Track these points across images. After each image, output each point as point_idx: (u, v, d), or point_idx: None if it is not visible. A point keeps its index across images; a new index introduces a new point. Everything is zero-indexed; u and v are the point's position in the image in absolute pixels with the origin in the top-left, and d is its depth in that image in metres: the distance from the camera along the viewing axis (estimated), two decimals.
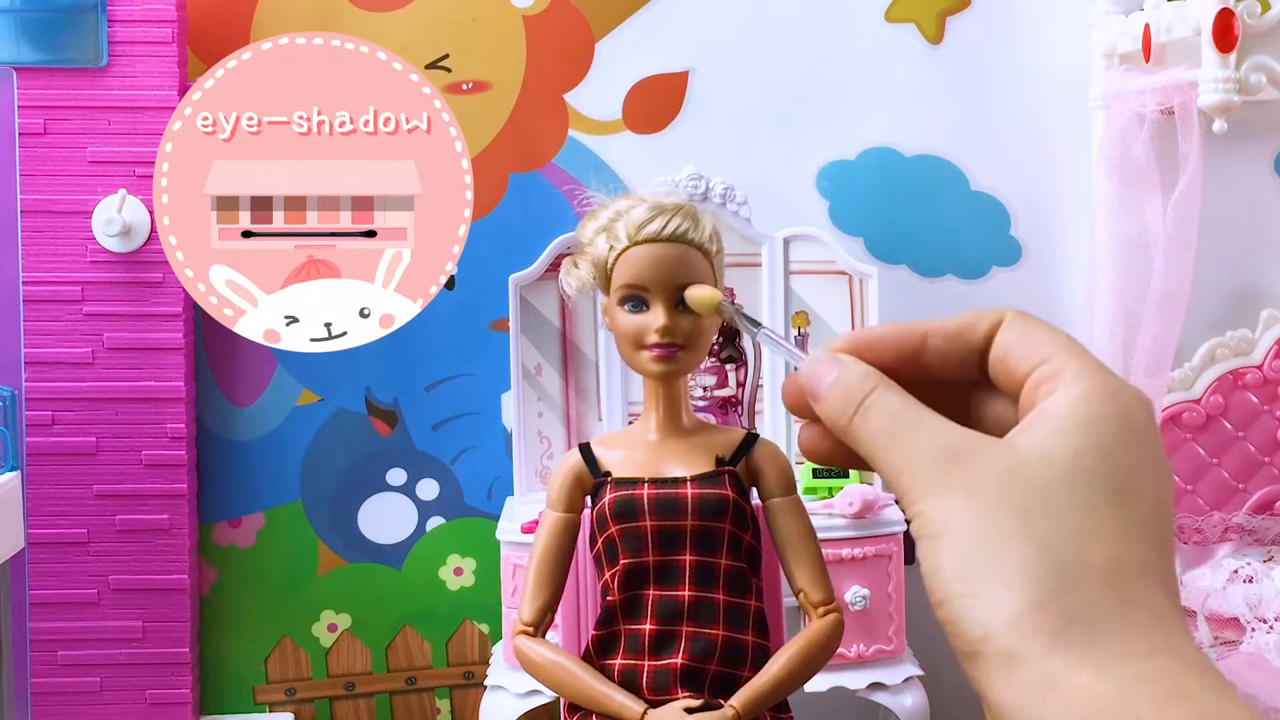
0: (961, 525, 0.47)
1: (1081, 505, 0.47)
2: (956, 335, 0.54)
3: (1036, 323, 0.53)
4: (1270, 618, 2.35)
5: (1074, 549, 0.46)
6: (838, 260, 2.62)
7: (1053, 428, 0.49)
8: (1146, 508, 0.48)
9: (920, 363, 0.54)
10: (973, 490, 0.48)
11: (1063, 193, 2.80)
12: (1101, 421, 0.49)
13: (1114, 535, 0.47)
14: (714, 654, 1.78)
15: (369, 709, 2.82)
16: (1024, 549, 0.46)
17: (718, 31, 2.77)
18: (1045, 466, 0.48)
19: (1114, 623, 0.45)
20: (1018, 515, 0.47)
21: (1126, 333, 2.59)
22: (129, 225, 2.54)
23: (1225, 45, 2.25)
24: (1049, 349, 0.52)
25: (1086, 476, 0.48)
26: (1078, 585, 0.46)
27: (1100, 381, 0.50)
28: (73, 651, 2.61)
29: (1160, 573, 0.48)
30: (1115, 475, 0.48)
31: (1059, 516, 0.47)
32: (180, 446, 2.61)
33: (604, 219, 1.85)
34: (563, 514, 1.86)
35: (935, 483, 0.49)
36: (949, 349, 0.54)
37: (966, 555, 0.47)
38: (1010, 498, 0.47)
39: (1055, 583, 0.46)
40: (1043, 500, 0.47)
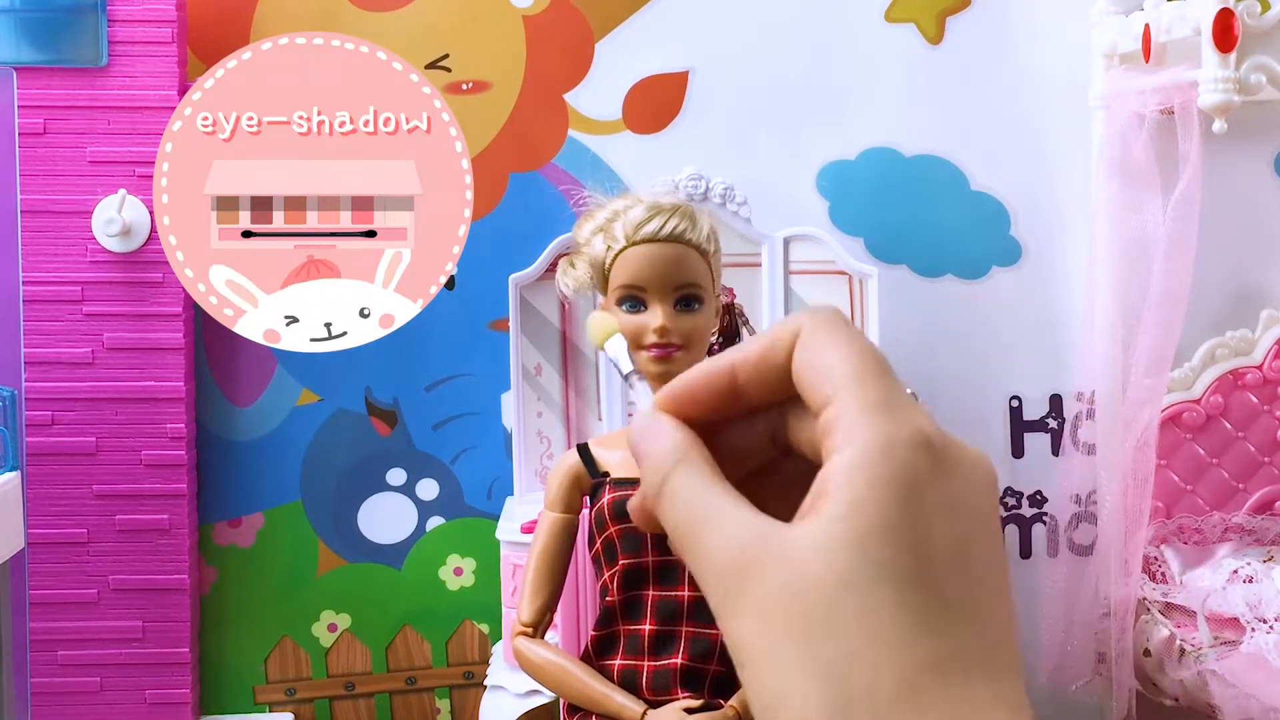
0: (756, 656, 0.44)
1: (865, 611, 0.42)
2: (761, 362, 0.49)
3: (825, 339, 0.47)
4: (1270, 618, 2.35)
5: (861, 672, 0.42)
6: (838, 260, 2.62)
7: (830, 511, 0.44)
8: (946, 575, 0.43)
9: (740, 398, 0.49)
10: (761, 612, 0.43)
11: (1063, 193, 2.80)
12: (878, 491, 0.43)
13: (905, 637, 0.42)
14: (714, 654, 1.78)
15: (369, 709, 2.82)
16: (809, 684, 0.42)
17: (718, 31, 2.77)
18: (826, 569, 0.43)
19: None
20: (801, 640, 0.42)
21: (1126, 333, 2.59)
22: (129, 225, 2.54)
23: (1225, 45, 2.25)
24: (829, 386, 0.46)
25: (870, 571, 0.42)
26: (872, 713, 0.41)
27: (874, 436, 0.44)
28: (73, 651, 2.61)
29: (964, 653, 0.43)
30: (901, 556, 0.43)
31: (843, 633, 0.42)
32: (180, 446, 2.61)
33: (601, 219, 1.85)
34: (561, 515, 1.86)
35: (730, 603, 0.44)
36: (761, 378, 0.49)
37: (763, 693, 0.43)
38: (793, 620, 0.43)
39: (846, 717, 0.41)
40: (825, 615, 0.42)
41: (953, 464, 0.45)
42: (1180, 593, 2.54)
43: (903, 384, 0.47)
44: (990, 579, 0.44)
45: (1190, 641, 2.40)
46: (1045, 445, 2.84)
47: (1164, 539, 2.69)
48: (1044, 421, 2.84)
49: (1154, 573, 2.64)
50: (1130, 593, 2.55)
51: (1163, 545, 2.68)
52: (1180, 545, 2.69)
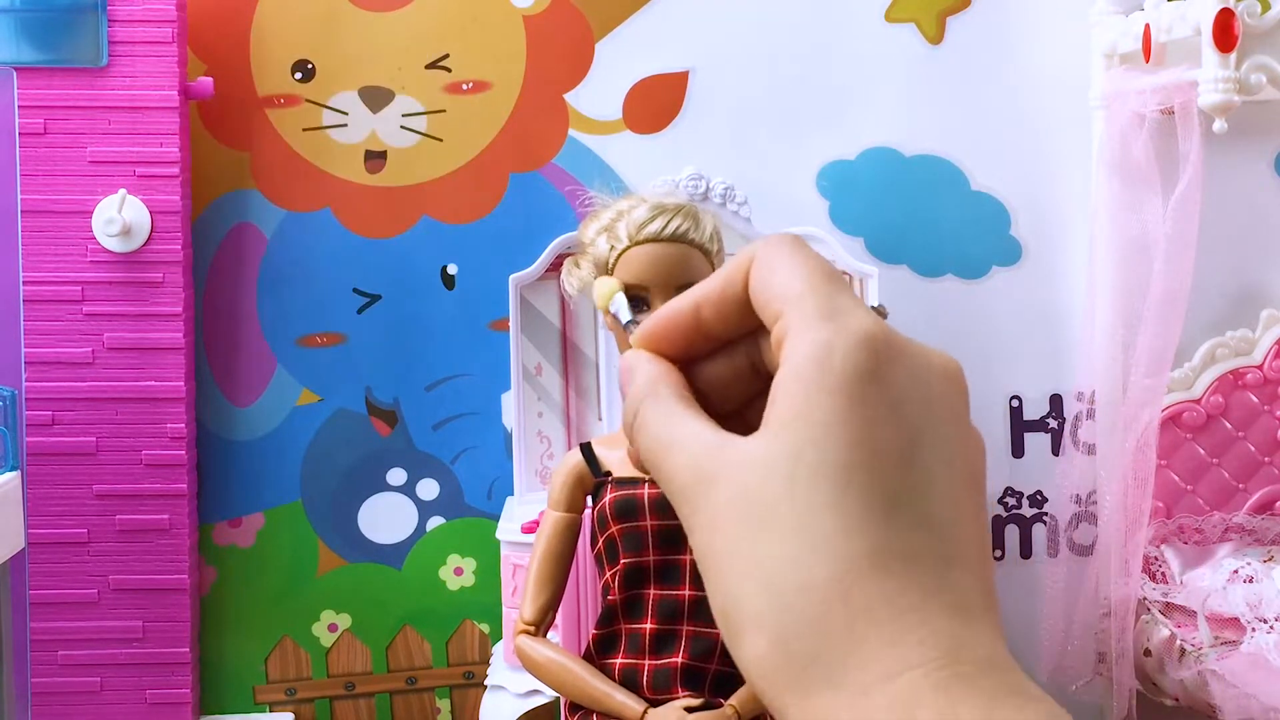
0: (711, 566, 0.45)
1: (803, 513, 0.43)
2: (722, 297, 0.50)
3: (774, 261, 0.48)
4: (1270, 618, 2.35)
5: (798, 572, 0.42)
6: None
7: (774, 418, 0.45)
8: (888, 477, 0.43)
9: (707, 334, 0.51)
10: (715, 521, 0.45)
11: (1063, 193, 2.80)
12: (816, 398, 0.44)
13: (839, 537, 0.42)
14: (714, 653, 1.79)
15: (369, 709, 2.82)
16: (755, 587, 0.43)
17: (718, 31, 2.77)
18: (768, 477, 0.44)
19: (846, 652, 0.41)
20: (748, 545, 0.43)
21: (1126, 333, 2.59)
22: (129, 225, 2.54)
23: (1225, 45, 2.25)
24: (778, 303, 0.47)
25: (806, 474, 0.43)
26: (806, 617, 0.42)
27: (811, 341, 0.45)
28: (73, 651, 2.61)
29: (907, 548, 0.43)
30: (839, 458, 0.43)
31: (783, 535, 0.43)
32: (180, 446, 2.61)
33: (605, 219, 1.85)
34: (564, 514, 1.86)
35: (691, 514, 0.46)
36: (724, 311, 0.50)
37: (720, 596, 0.44)
38: (742, 526, 0.44)
39: (786, 620, 0.42)
40: (769, 519, 0.43)
41: (900, 361, 0.45)
42: (1180, 593, 2.55)
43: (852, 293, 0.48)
44: (944, 473, 0.44)
45: (1190, 641, 2.40)
46: (1045, 445, 2.84)
47: (1164, 539, 2.69)
48: (1044, 421, 2.84)
49: (1154, 573, 2.64)
50: (1130, 593, 2.55)
51: (1163, 545, 2.68)
52: (1180, 545, 2.69)
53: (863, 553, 0.42)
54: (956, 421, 0.46)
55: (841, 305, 0.46)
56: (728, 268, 0.50)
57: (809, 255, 0.48)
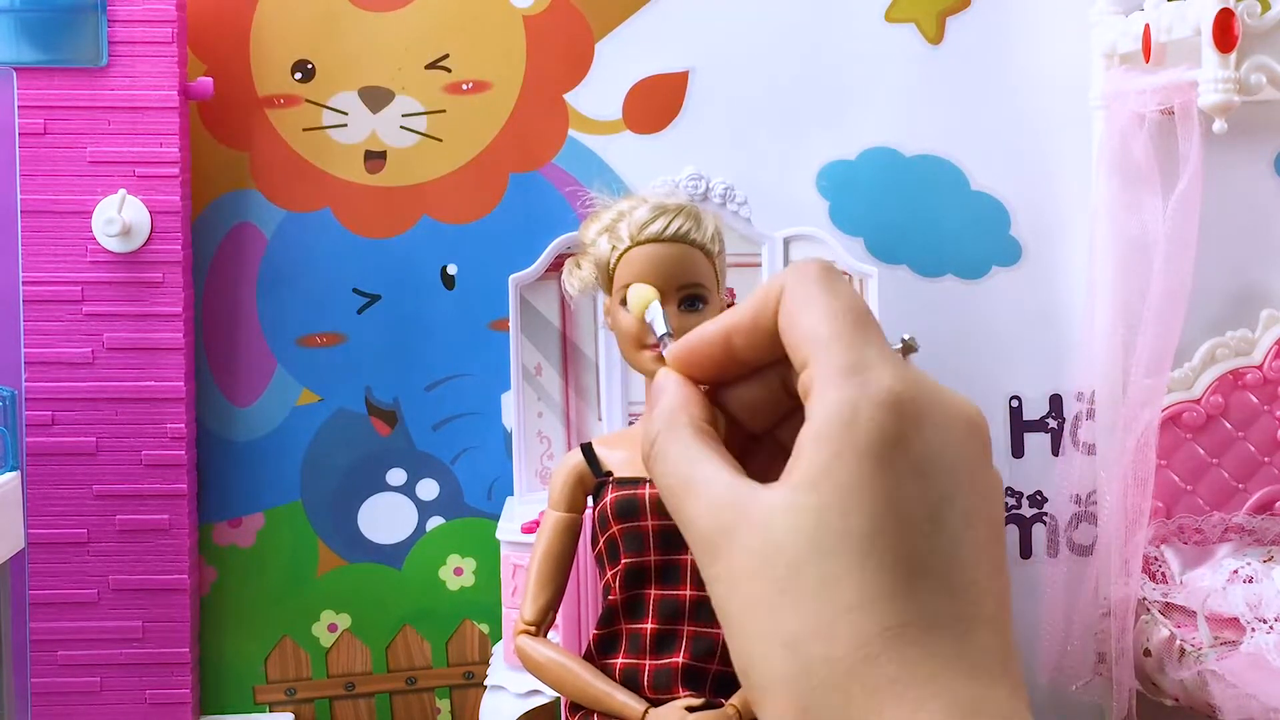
0: (732, 624, 0.44)
1: (827, 581, 0.42)
2: (753, 327, 0.49)
3: (802, 298, 0.47)
4: (1270, 618, 2.35)
5: (820, 644, 0.42)
6: (838, 260, 2.62)
7: (797, 480, 0.44)
8: (914, 543, 0.43)
9: (738, 361, 0.50)
10: (731, 579, 0.44)
11: (1063, 193, 2.80)
12: (842, 460, 0.43)
13: (864, 605, 0.42)
14: (715, 653, 1.79)
15: (369, 709, 2.82)
16: (777, 655, 0.43)
17: (718, 31, 2.77)
18: (789, 539, 0.43)
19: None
20: (768, 609, 0.43)
21: (1126, 333, 2.59)
22: (129, 225, 2.54)
23: (1225, 45, 2.25)
24: (805, 348, 0.46)
25: (831, 541, 0.43)
26: (830, 685, 0.42)
27: (839, 402, 0.44)
28: (73, 651, 2.61)
29: (930, 615, 0.43)
30: (863, 524, 0.43)
31: (805, 601, 0.43)
32: (180, 446, 2.61)
33: (606, 219, 1.85)
34: (564, 514, 1.86)
35: (710, 563, 0.45)
36: (755, 341, 0.49)
37: (738, 655, 0.44)
38: (762, 586, 0.43)
39: (810, 686, 0.42)
40: (787, 585, 0.43)
41: (927, 421, 0.44)
42: (1180, 593, 2.55)
43: (881, 339, 0.47)
44: (968, 535, 0.44)
45: (1190, 641, 2.40)
46: (1045, 445, 2.84)
47: (1164, 539, 2.69)
48: (1044, 421, 2.84)
49: (1154, 573, 2.64)
50: (1130, 593, 2.55)
51: (1163, 545, 2.68)
52: (1180, 545, 2.69)
53: (886, 625, 0.42)
54: (979, 477, 0.45)
55: (868, 358, 0.45)
56: (758, 298, 0.49)
57: (838, 293, 0.47)
